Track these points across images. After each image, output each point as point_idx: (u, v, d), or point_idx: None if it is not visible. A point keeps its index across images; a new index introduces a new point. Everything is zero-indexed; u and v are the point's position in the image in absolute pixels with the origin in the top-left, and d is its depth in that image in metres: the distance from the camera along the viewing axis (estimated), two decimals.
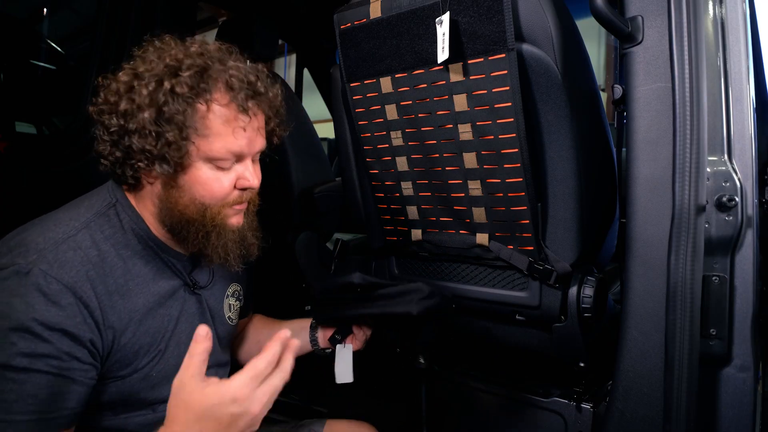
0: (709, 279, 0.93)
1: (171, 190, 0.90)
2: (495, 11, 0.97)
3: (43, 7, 2.45)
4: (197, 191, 0.89)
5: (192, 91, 0.84)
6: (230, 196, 0.93)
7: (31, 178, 1.55)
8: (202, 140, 0.86)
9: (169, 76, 0.85)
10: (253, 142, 0.91)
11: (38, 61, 2.12)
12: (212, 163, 0.89)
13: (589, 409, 1.25)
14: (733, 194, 0.91)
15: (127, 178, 0.90)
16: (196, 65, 0.86)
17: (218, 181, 0.90)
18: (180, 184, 0.89)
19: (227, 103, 0.87)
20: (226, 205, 0.93)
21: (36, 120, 1.95)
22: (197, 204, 0.90)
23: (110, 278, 0.88)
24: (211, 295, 1.08)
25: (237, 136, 0.88)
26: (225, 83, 0.87)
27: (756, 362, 0.92)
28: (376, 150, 1.26)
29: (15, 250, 0.83)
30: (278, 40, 2.13)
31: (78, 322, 0.82)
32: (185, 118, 0.84)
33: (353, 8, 1.17)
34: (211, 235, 0.93)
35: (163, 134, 0.84)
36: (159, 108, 0.84)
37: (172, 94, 0.84)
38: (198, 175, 0.89)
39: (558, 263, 1.12)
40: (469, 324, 1.38)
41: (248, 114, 0.89)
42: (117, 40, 1.84)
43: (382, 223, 1.37)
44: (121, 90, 0.87)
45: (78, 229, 0.88)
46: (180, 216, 0.91)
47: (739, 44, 0.95)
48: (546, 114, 1.06)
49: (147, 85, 0.85)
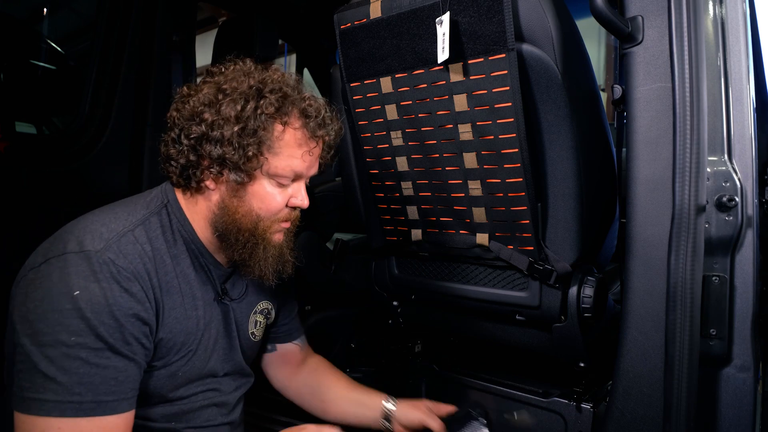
0: (709, 279, 0.93)
1: (233, 199, 0.97)
2: (495, 11, 0.97)
3: (43, 7, 2.45)
4: (255, 203, 0.97)
5: (274, 113, 0.93)
6: (281, 212, 1.00)
7: (31, 178, 1.55)
8: (272, 157, 0.94)
9: (255, 95, 0.94)
10: (311, 167, 1.01)
11: (38, 61, 2.12)
12: (275, 179, 0.97)
13: (589, 409, 1.25)
14: (733, 194, 0.91)
15: (191, 182, 0.97)
16: (278, 90, 0.95)
17: (275, 197, 0.98)
18: (242, 194, 0.96)
19: (300, 127, 0.96)
20: (276, 221, 1.00)
21: (36, 120, 1.95)
22: (253, 215, 0.97)
23: (161, 273, 0.94)
24: (239, 308, 1.11)
25: (303, 159, 0.97)
26: (300, 110, 0.96)
27: (756, 362, 0.92)
28: (376, 150, 1.26)
29: (80, 236, 0.89)
30: (278, 40, 2.13)
31: (147, 308, 0.90)
32: (263, 135, 0.92)
33: (353, 8, 1.17)
34: (258, 248, 0.98)
35: (245, 146, 0.92)
36: (245, 123, 0.92)
37: (256, 111, 0.92)
38: (261, 188, 0.96)
39: (558, 263, 1.12)
40: (469, 324, 1.38)
41: (316, 141, 0.98)
42: (117, 40, 1.84)
43: (382, 223, 1.37)
44: (205, 101, 0.94)
45: (135, 224, 0.94)
46: (234, 224, 0.97)
47: (739, 44, 0.95)
48: (546, 114, 1.06)
49: (234, 101, 0.93)
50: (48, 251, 0.89)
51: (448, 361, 1.54)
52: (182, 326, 0.97)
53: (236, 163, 0.92)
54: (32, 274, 0.88)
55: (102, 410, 0.83)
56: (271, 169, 0.95)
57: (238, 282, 1.11)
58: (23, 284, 0.88)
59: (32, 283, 0.86)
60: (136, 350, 0.88)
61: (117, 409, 0.85)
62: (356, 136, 1.29)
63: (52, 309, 0.83)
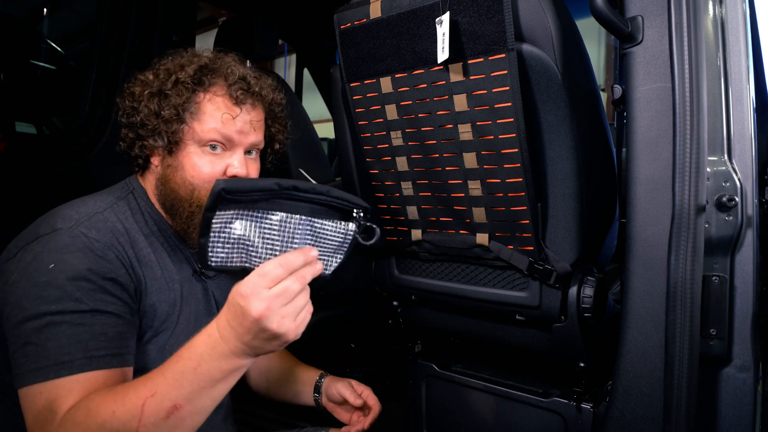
0: (709, 279, 0.93)
1: (167, 169, 1.01)
2: (495, 11, 0.97)
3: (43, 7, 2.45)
4: (188, 171, 0.99)
5: (192, 80, 0.99)
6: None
7: (31, 178, 1.55)
8: (195, 123, 0.99)
9: (178, 69, 1.01)
10: (244, 133, 1.01)
11: (38, 61, 2.12)
12: (203, 146, 0.99)
13: (589, 409, 1.25)
14: (733, 194, 0.91)
15: (138, 159, 1.03)
16: (200, 62, 1.02)
17: (207, 165, 0.99)
18: (174, 163, 1.00)
19: (223, 93, 1.00)
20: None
21: (36, 120, 1.95)
22: (187, 184, 0.99)
23: (136, 248, 0.97)
24: (217, 287, 1.14)
25: (225, 123, 0.99)
26: (223, 77, 1.01)
27: (756, 362, 0.92)
28: (376, 150, 1.26)
29: (52, 221, 0.93)
30: (278, 40, 2.13)
31: (124, 274, 0.92)
32: (183, 101, 0.98)
33: (353, 8, 1.17)
34: (193, 217, 0.99)
35: (161, 112, 0.98)
36: (162, 92, 0.99)
37: (175, 82, 0.99)
38: (190, 155, 0.99)
39: (558, 263, 1.12)
40: (469, 324, 1.38)
41: (239, 106, 1.00)
42: (117, 40, 1.84)
43: (382, 223, 1.37)
44: (139, 81, 1.03)
45: (104, 208, 0.98)
46: (172, 193, 1.00)
47: (739, 44, 0.95)
48: (546, 114, 1.06)
49: (158, 76, 1.01)
50: (20, 240, 0.93)
51: (448, 361, 1.54)
52: (164, 296, 0.99)
53: (161, 131, 0.98)
54: (8, 265, 0.90)
55: (94, 364, 0.84)
56: (196, 135, 0.98)
57: None
58: (1, 278, 0.90)
59: (8, 271, 0.89)
60: (121, 308, 0.90)
61: (110, 363, 0.86)
62: (356, 136, 1.29)
63: (30, 285, 0.85)
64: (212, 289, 1.12)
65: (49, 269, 0.85)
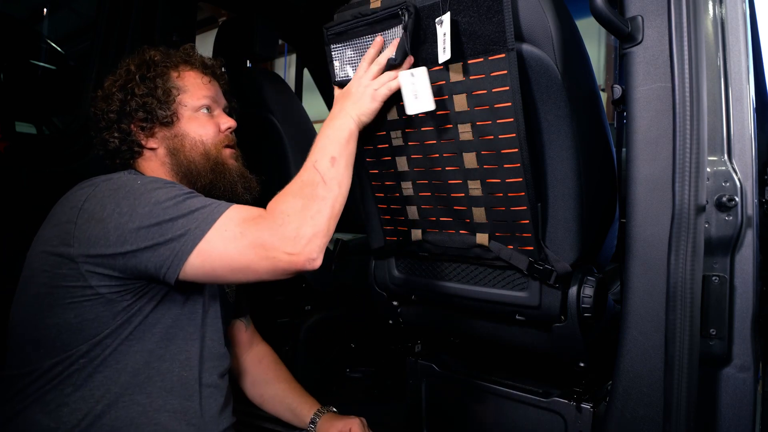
0: (709, 279, 0.93)
1: (174, 140, 1.12)
2: (495, 11, 0.97)
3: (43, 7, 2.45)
4: (195, 133, 1.13)
5: (163, 62, 1.14)
6: (219, 136, 1.16)
7: (31, 178, 1.55)
8: (184, 94, 1.13)
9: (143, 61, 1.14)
10: (219, 96, 1.20)
11: (38, 61, 2.12)
12: (197, 111, 1.14)
13: (589, 409, 1.25)
14: (733, 194, 0.91)
15: (132, 149, 1.12)
16: (160, 51, 1.16)
17: (206, 124, 1.14)
18: (179, 133, 1.12)
19: (190, 69, 1.17)
20: (220, 145, 1.15)
21: (36, 120, 1.95)
22: (198, 145, 1.12)
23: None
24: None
25: (207, 87, 1.17)
26: (184, 60, 1.17)
27: (756, 362, 0.92)
28: (375, 150, 1.26)
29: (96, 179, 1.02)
30: (278, 40, 2.13)
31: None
32: (164, 80, 1.12)
33: (353, 8, 1.17)
34: (217, 168, 1.13)
35: (154, 90, 1.10)
36: (143, 76, 1.11)
37: (149, 67, 1.12)
38: (190, 121, 1.13)
39: (558, 263, 1.12)
40: (469, 324, 1.38)
41: (208, 74, 1.18)
42: (117, 40, 1.84)
43: (382, 223, 1.37)
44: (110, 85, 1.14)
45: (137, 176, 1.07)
46: (187, 159, 1.12)
47: (739, 44, 0.95)
48: (546, 114, 1.06)
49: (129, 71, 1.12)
50: (76, 199, 0.97)
51: (448, 361, 1.54)
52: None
53: (159, 106, 1.10)
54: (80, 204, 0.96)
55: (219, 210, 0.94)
56: (189, 103, 1.14)
57: None
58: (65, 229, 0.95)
59: (87, 203, 0.95)
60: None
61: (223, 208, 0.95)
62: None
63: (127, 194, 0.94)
64: None
65: (138, 182, 0.96)
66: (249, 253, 0.89)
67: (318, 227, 0.93)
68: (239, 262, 0.90)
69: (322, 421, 1.27)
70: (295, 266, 0.91)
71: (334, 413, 1.29)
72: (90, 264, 0.91)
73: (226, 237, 0.90)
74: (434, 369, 1.53)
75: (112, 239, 0.90)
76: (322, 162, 0.99)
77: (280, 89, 1.97)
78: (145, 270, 0.92)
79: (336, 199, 0.98)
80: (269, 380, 1.33)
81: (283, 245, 0.89)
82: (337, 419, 1.26)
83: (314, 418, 1.27)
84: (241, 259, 0.90)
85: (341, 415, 1.28)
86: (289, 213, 0.92)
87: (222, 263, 0.91)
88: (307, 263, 0.91)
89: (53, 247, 0.94)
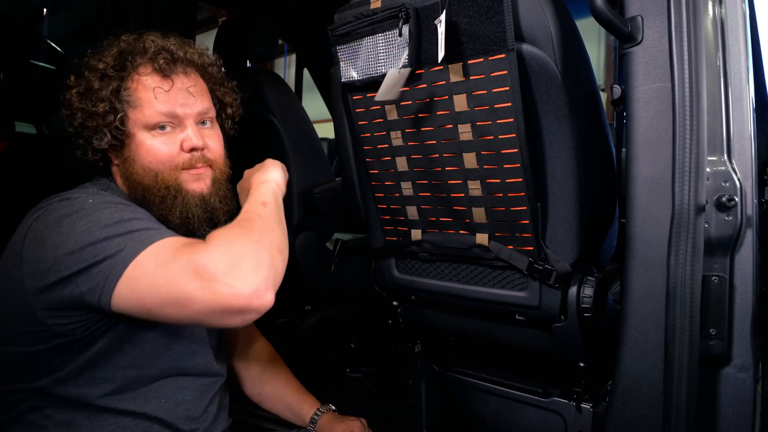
0: (708, 279, 0.93)
1: (126, 163, 1.00)
2: (495, 11, 0.97)
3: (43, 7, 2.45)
4: (144, 158, 0.98)
5: (115, 69, 0.98)
6: (178, 159, 1.00)
7: (31, 178, 1.56)
8: (134, 111, 0.98)
9: (98, 62, 0.99)
10: (187, 104, 1.00)
11: (38, 61, 2.12)
12: (151, 130, 0.98)
13: (588, 409, 1.25)
14: (733, 194, 0.91)
15: (98, 163, 1.02)
16: (119, 48, 1.00)
17: (161, 146, 0.99)
18: (130, 156, 0.99)
19: (150, 72, 0.99)
20: (176, 169, 1.00)
21: (36, 120, 1.95)
22: (148, 171, 0.99)
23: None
24: None
25: (163, 100, 0.98)
26: (144, 55, 0.99)
27: (755, 362, 0.92)
28: (375, 150, 1.26)
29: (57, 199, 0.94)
30: (278, 40, 2.13)
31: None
32: (112, 92, 0.97)
33: (354, 8, 1.17)
34: (166, 200, 0.99)
35: (95, 110, 0.97)
36: (90, 89, 0.98)
37: (101, 76, 0.98)
38: (141, 143, 0.98)
39: (558, 263, 1.12)
40: (469, 324, 1.38)
41: (170, 78, 0.99)
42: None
43: (381, 223, 1.37)
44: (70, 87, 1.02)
45: (93, 195, 0.96)
46: (139, 185, 0.99)
47: (738, 44, 0.95)
48: (546, 114, 1.06)
49: (82, 75, 1.00)
50: (29, 218, 0.92)
51: (448, 361, 1.54)
52: None
53: (101, 127, 0.97)
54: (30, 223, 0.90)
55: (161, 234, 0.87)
56: (140, 121, 0.98)
57: None
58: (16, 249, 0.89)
59: (36, 222, 0.89)
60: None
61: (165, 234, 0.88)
62: (356, 136, 1.29)
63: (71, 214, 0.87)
64: None
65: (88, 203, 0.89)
66: (183, 279, 0.77)
67: (261, 257, 0.80)
68: (171, 292, 0.78)
69: (323, 420, 1.25)
70: (238, 301, 0.76)
71: (335, 413, 1.28)
72: (40, 301, 0.85)
73: (158, 260, 0.80)
74: (434, 369, 1.53)
75: (49, 264, 0.83)
76: (254, 206, 0.93)
77: (280, 89, 1.97)
78: (82, 297, 0.82)
79: (276, 234, 0.87)
80: (268, 378, 1.31)
81: (224, 273, 0.76)
82: (337, 420, 1.25)
83: (314, 417, 1.26)
84: (172, 287, 0.77)
85: (342, 416, 1.27)
86: (230, 238, 0.81)
87: (150, 291, 0.79)
88: (253, 297, 0.76)
89: (7, 270, 0.90)
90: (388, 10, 1.07)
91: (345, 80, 1.19)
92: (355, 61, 1.16)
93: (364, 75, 1.16)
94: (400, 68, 1.07)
